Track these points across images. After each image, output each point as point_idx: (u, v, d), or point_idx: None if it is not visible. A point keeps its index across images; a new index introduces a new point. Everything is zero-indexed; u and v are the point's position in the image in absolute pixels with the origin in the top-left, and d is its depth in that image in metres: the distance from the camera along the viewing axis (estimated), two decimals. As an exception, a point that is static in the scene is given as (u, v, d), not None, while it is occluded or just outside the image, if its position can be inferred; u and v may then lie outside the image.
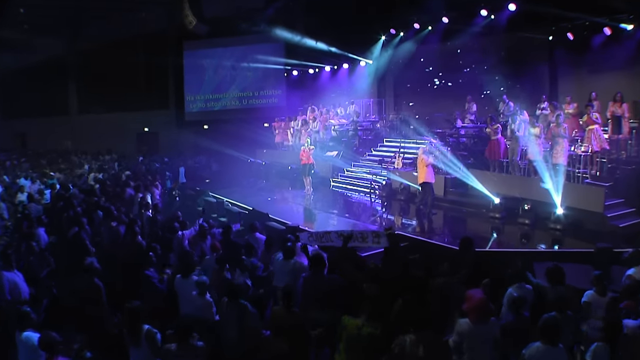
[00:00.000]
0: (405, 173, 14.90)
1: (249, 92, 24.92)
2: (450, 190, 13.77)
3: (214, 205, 14.20)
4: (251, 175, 19.52)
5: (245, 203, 14.03)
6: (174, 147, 24.86)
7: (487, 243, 10.44)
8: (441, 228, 11.95)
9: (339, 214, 13.05)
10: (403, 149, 16.14)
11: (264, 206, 13.60)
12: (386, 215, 13.72)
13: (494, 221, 11.81)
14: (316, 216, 13.17)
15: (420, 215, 12.47)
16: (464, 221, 12.48)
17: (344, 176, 17.00)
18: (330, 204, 14.74)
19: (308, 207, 14.21)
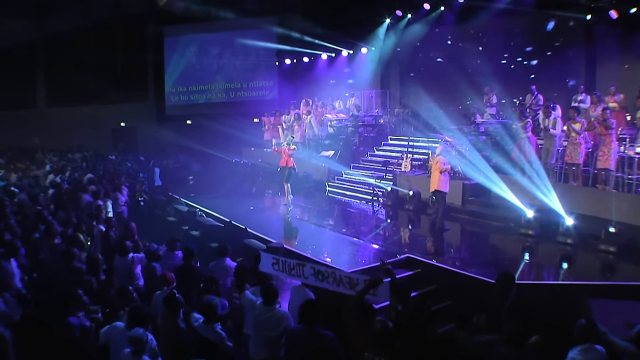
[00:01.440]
0: (415, 178, 12.82)
1: (236, 83, 22.94)
2: (469, 199, 11.67)
3: (185, 215, 12.10)
4: (236, 177, 17.40)
5: (222, 213, 11.94)
6: (153, 144, 22.74)
7: (524, 272, 8.36)
8: (462, 248, 9.84)
9: (333, 228, 10.95)
10: (412, 148, 14.00)
11: (244, 217, 11.55)
12: (391, 227, 11.64)
13: (526, 239, 9.71)
14: (306, 231, 11.04)
15: (434, 230, 10.39)
16: (489, 239, 10.37)
17: (342, 180, 14.90)
18: (325, 214, 12.64)
19: (297, 219, 12.07)
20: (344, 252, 9.44)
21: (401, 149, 15.05)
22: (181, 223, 12.10)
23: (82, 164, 19.13)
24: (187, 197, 13.81)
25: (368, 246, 9.59)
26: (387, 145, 15.85)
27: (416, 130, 14.21)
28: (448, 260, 8.81)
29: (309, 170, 15.31)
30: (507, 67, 13.54)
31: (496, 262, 8.80)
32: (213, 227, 11.00)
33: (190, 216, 11.90)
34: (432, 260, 8.48)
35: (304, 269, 5.84)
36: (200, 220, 11.45)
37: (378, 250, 9.31)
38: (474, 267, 8.31)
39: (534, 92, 13.05)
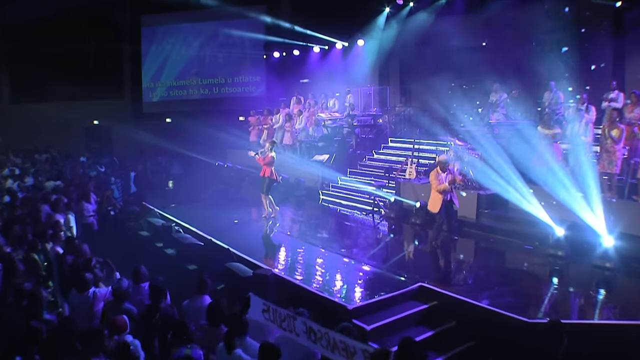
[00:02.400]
0: (422, 187, 11.62)
1: (220, 78, 21.66)
2: (485, 212, 10.52)
3: (160, 230, 10.82)
4: (219, 183, 16.12)
5: (202, 227, 10.67)
6: (129, 145, 21.37)
7: (559, 306, 7.22)
8: (480, 273, 8.66)
9: (330, 246, 9.71)
10: (417, 152, 12.82)
11: (227, 232, 10.40)
12: (396, 245, 10.47)
13: (556, 262, 8.56)
14: (299, 250, 9.80)
15: (446, 250, 9.23)
16: (511, 261, 9.21)
17: (337, 187, 13.71)
18: (319, 228, 11.42)
19: (288, 235, 10.82)
20: (343, 278, 8.22)
21: (403, 153, 13.89)
22: (155, 239, 10.87)
23: (48, 166, 17.72)
24: (164, 208, 12.52)
25: (371, 271, 8.39)
26: (388, 149, 14.69)
27: (420, 132, 12.97)
28: (466, 288, 7.63)
29: (301, 176, 14.10)
30: (523, 60, 12.40)
31: (523, 291, 7.67)
32: (191, 245, 9.75)
33: (165, 231, 10.62)
34: (451, 293, 7.30)
35: (295, 323, 4.73)
36: (177, 237, 10.17)
37: (383, 276, 8.12)
38: (497, 297, 7.18)
39: (552, 89, 11.94)
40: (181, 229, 10.81)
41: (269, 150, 11.24)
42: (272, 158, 11.14)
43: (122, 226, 11.86)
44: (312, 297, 7.29)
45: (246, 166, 16.67)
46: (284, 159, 14.78)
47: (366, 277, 8.17)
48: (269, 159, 11.14)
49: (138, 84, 22.39)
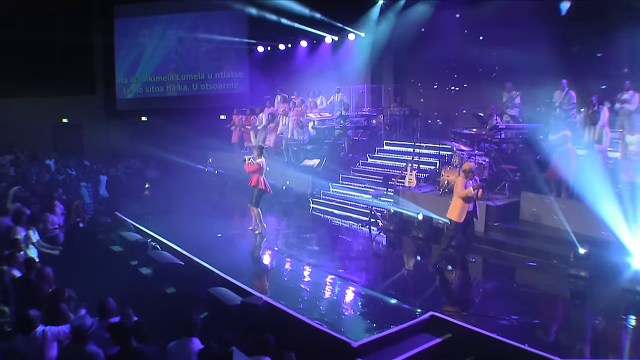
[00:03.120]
0: (424, 196, 10.91)
1: (200, 74, 20.57)
2: (494, 226, 9.81)
3: (134, 245, 9.88)
4: (200, 188, 15.18)
5: (181, 242, 9.79)
6: (102, 145, 20.26)
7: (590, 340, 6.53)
8: (495, 297, 7.92)
9: (324, 267, 8.87)
10: (417, 157, 12.07)
11: (210, 248, 9.56)
12: (397, 263, 9.72)
13: (578, 284, 7.88)
14: (291, 270, 8.97)
15: (456, 270, 8.51)
16: (528, 283, 8.49)
17: (329, 195, 12.92)
18: (311, 242, 10.58)
19: (277, 251, 9.96)
20: (343, 305, 7.43)
21: (401, 157, 13.15)
22: (129, 255, 9.95)
23: (10, 170, 16.60)
24: (139, 219, 11.56)
25: (373, 296, 7.60)
26: (383, 152, 13.93)
27: (420, 135, 12.23)
28: (482, 317, 6.88)
29: (289, 182, 13.25)
30: (531, 56, 11.74)
31: (545, 320, 7.01)
32: (170, 265, 8.86)
33: (140, 248, 9.70)
34: (466, 324, 6.55)
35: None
36: (153, 255, 9.26)
37: (388, 303, 7.36)
38: (518, 329, 6.51)
39: (564, 88, 11.28)
40: (158, 244, 9.92)
41: (258, 156, 10.36)
42: (259, 165, 10.28)
43: (91, 240, 10.92)
44: (310, 332, 6.49)
45: (228, 170, 15.82)
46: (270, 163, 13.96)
47: (369, 305, 7.38)
48: (255, 167, 10.27)
49: (111, 79, 21.14)
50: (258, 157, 10.33)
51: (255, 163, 10.25)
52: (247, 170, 10.34)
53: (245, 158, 10.47)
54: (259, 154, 10.38)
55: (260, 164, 10.26)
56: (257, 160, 10.28)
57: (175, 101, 20.63)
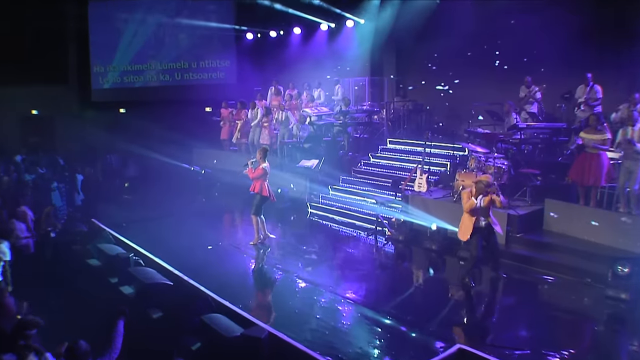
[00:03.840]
0: (436, 203, 10.27)
1: (183, 62, 19.67)
2: (517, 237, 9.19)
3: (114, 260, 9.09)
4: (185, 189, 14.39)
5: (168, 257, 9.04)
6: (77, 140, 19.30)
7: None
8: (528, 324, 7.28)
9: (330, 287, 8.17)
10: (428, 157, 11.37)
11: (200, 264, 8.87)
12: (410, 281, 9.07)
13: (618, 307, 7.29)
14: (293, 293, 8.25)
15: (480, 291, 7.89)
16: (559, 307, 7.83)
17: (329, 199, 12.23)
18: (312, 255, 9.83)
19: (277, 269, 9.19)
20: (356, 337, 6.75)
21: (406, 157, 12.50)
22: (108, 271, 9.17)
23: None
24: (119, 227, 10.77)
25: (390, 325, 6.94)
26: (386, 152, 13.23)
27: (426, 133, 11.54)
28: (517, 351, 6.26)
29: (284, 185, 12.53)
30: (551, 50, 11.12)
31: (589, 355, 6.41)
32: (156, 285, 8.09)
33: (121, 263, 8.93)
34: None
35: None
36: (136, 272, 8.47)
37: (407, 333, 6.72)
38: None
39: (588, 82, 10.66)
40: (141, 259, 9.14)
41: (262, 159, 9.57)
42: (264, 170, 9.52)
43: (65, 251, 10.11)
44: (324, 372, 5.83)
45: (216, 169, 15.07)
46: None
47: (386, 335, 6.74)
48: (260, 172, 9.50)
49: (85, 67, 20.17)
50: (262, 161, 9.55)
51: (259, 168, 9.49)
52: (251, 176, 9.59)
53: (248, 162, 9.69)
54: (264, 157, 9.59)
55: (266, 169, 9.52)
56: (261, 164, 9.50)
57: (157, 92, 19.76)
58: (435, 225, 9.50)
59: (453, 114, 14.07)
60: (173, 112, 17.96)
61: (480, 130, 11.09)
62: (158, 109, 18.39)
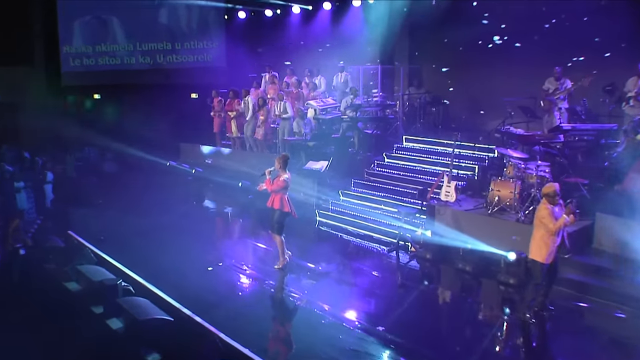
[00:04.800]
0: (468, 216, 9.48)
1: (165, 43, 18.78)
2: (565, 259, 8.41)
3: (98, 288, 8.15)
4: (172, 189, 13.48)
5: (162, 283, 8.13)
6: (45, 130, 18.16)
7: None
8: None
9: (353, 321, 7.37)
10: (457, 160, 10.53)
11: (199, 292, 7.98)
12: (447, 312, 8.31)
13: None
14: (314, 329, 7.39)
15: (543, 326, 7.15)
16: (627, 343, 7.14)
17: (339, 205, 11.43)
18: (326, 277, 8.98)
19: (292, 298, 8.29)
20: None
21: (426, 158, 11.71)
22: (91, 299, 8.19)
23: None
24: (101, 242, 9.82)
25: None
26: (403, 151, 12.41)
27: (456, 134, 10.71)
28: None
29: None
30: (586, 35, 10.41)
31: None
32: (151, 322, 7.20)
33: (107, 291, 8.00)
34: None
35: None
36: (127, 305, 7.56)
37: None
38: None
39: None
40: (131, 284, 8.23)
41: (282, 169, 8.60)
42: (285, 182, 8.55)
43: (36, 273, 9.17)
44: None
45: (209, 168, 14.18)
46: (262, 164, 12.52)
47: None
48: (281, 184, 8.52)
49: (54, 46, 19.19)
50: (283, 171, 8.58)
51: (279, 179, 8.51)
52: (269, 189, 8.62)
53: (265, 172, 8.71)
54: (284, 166, 8.59)
55: (287, 181, 8.55)
56: (282, 175, 8.53)
57: (136, 75, 18.94)
58: (513, 254, 8.51)
59: (474, 106, 13.33)
60: (155, 99, 17.06)
61: (516, 130, 10.30)
62: (138, 95, 17.72)
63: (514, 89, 11.65)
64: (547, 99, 10.43)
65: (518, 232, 8.64)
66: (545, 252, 7.05)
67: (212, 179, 13.52)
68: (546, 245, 6.99)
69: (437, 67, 13.97)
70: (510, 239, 8.61)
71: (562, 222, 6.85)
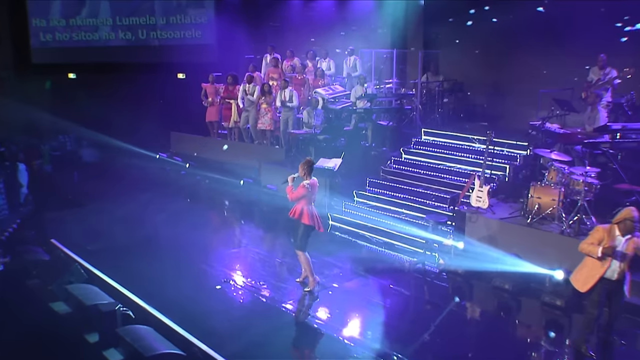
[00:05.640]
0: (505, 226, 8.94)
1: (149, 17, 17.90)
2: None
3: (93, 313, 7.47)
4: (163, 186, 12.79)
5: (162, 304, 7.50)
6: (14, 115, 17.23)
7: None
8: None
9: (382, 351, 6.83)
10: (490, 160, 9.91)
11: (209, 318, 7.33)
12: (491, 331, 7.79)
13: None
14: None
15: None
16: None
17: (353, 208, 10.86)
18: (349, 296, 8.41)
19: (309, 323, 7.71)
20: None
21: (450, 155, 11.16)
22: (83, 325, 7.54)
23: None
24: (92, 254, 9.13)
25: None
26: (422, 145, 11.83)
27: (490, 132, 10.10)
28: None
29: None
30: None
31: None
32: (160, 358, 6.58)
33: (104, 318, 7.33)
34: None
35: None
36: (129, 337, 6.91)
37: None
38: None
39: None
40: (130, 311, 7.57)
41: (306, 175, 7.83)
42: (306, 190, 7.77)
43: (16, 291, 8.46)
44: None
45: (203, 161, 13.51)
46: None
47: None
48: (301, 191, 7.78)
49: (22, 19, 18.27)
50: (307, 177, 7.84)
51: (301, 187, 7.77)
52: (290, 198, 7.90)
53: (288, 178, 7.96)
54: (308, 172, 7.83)
55: (308, 188, 7.79)
56: (304, 182, 7.78)
57: (116, 53, 18.11)
58: (561, 272, 7.93)
59: (497, 94, 12.82)
60: (139, 80, 16.29)
61: (554, 127, 9.76)
62: (119, 75, 16.80)
63: (548, 78, 11.16)
64: (593, 92, 9.86)
65: (563, 246, 8.18)
66: (584, 278, 6.52)
67: (208, 174, 12.81)
68: (588, 269, 6.47)
69: (456, 52, 13.36)
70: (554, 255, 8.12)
71: (608, 247, 6.27)
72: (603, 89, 10.38)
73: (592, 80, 10.41)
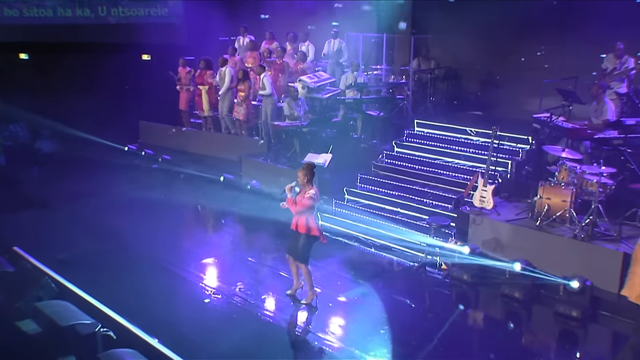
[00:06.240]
0: (512, 228, 8.70)
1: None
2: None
3: (70, 335, 6.91)
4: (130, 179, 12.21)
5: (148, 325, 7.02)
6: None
7: None
8: None
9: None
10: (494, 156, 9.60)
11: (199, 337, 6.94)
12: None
13: None
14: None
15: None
16: None
17: (344, 207, 10.50)
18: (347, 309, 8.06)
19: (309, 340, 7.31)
20: None
21: (445, 148, 10.86)
22: (57, 346, 6.96)
23: None
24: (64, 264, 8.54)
25: None
26: (415, 138, 11.50)
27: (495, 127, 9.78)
28: None
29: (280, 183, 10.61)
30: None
31: None
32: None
33: (82, 341, 6.79)
34: None
35: None
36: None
37: None
38: None
39: None
40: (111, 331, 7.04)
41: (307, 183, 7.31)
42: (312, 200, 7.25)
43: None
44: None
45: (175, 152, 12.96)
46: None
47: None
48: (307, 202, 7.23)
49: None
50: (309, 185, 7.31)
51: (305, 196, 7.22)
52: (293, 210, 7.36)
53: (285, 188, 7.43)
54: (310, 179, 7.30)
55: (314, 197, 7.28)
56: (307, 191, 7.25)
57: (73, 32, 17.35)
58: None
59: (491, 82, 12.59)
60: (100, 62, 15.54)
61: (560, 121, 9.53)
62: (77, 56, 16.20)
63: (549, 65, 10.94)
64: (599, 84, 9.65)
65: (576, 251, 8.01)
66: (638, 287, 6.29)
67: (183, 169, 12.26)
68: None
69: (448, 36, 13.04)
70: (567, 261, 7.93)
71: None
72: (618, 79, 10.23)
73: (606, 68, 10.25)
